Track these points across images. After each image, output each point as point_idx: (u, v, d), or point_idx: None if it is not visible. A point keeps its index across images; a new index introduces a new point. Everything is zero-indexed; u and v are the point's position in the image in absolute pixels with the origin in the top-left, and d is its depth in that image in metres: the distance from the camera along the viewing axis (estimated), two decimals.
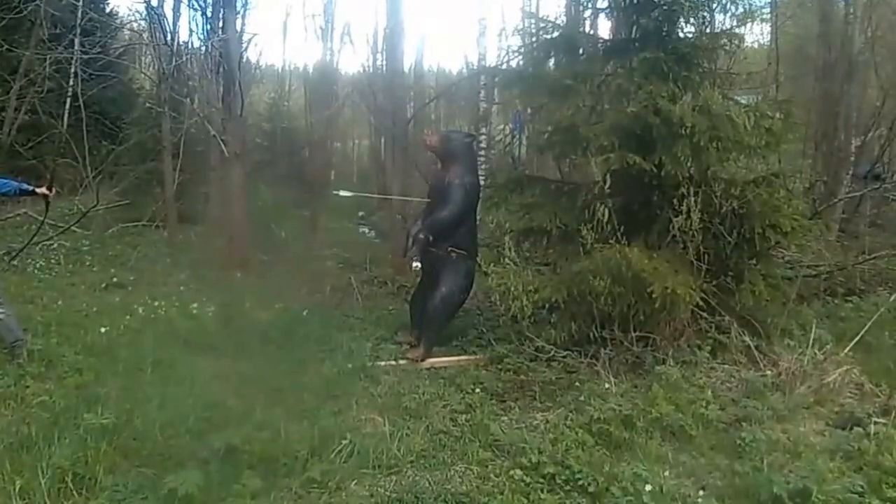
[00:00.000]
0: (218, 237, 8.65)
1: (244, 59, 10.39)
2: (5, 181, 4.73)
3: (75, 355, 4.49)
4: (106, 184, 12.01)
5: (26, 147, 13.05)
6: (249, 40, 13.26)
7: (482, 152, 9.03)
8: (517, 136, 12.66)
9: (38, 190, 4.79)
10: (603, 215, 4.36)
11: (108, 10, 15.92)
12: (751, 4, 9.19)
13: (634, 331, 4.37)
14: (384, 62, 11.48)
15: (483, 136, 9.50)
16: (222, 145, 7.61)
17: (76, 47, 10.87)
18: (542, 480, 3.07)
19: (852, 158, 9.93)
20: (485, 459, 3.33)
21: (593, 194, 4.88)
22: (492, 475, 3.17)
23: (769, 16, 11.29)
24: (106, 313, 5.59)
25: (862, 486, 2.88)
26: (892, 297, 5.33)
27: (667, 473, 3.14)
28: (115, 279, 7.12)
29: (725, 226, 4.48)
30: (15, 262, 7.77)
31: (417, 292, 5.47)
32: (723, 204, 4.41)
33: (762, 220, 4.46)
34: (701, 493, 2.99)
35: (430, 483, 3.11)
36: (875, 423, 3.50)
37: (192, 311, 5.77)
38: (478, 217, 5.58)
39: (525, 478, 3.07)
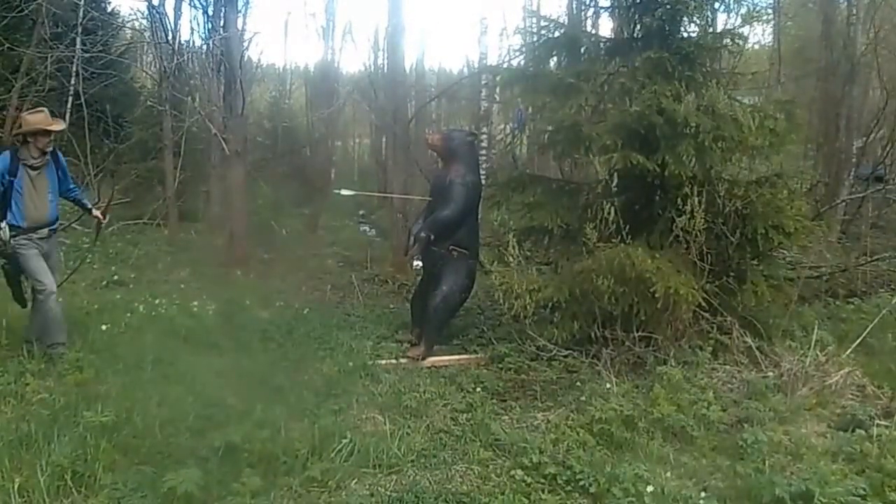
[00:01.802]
0: (219, 235, 8.65)
1: (245, 58, 10.38)
2: (74, 187, 5.00)
3: (76, 353, 4.48)
4: (107, 182, 12.00)
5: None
6: (251, 39, 13.26)
7: (483, 151, 9.01)
8: (518, 135, 12.63)
9: (94, 212, 5.02)
10: (609, 214, 4.34)
11: (109, 8, 15.88)
12: (755, 4, 9.21)
13: (636, 331, 4.35)
14: (385, 61, 11.47)
15: (484, 136, 9.47)
16: (223, 144, 7.60)
17: (78, 46, 10.86)
18: (543, 481, 3.06)
19: (854, 160, 9.91)
20: (485, 459, 3.32)
21: (596, 193, 4.87)
22: (493, 475, 3.16)
23: (771, 17, 11.28)
24: (106, 311, 5.58)
25: (864, 489, 2.86)
26: (894, 300, 5.31)
27: (668, 474, 3.13)
28: (115, 277, 7.12)
29: (728, 226, 4.46)
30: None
31: (418, 291, 5.47)
32: (726, 204, 4.40)
33: (765, 220, 4.44)
34: (703, 494, 2.98)
35: (430, 482, 3.10)
36: (877, 425, 3.48)
37: (193, 310, 5.76)
38: (479, 216, 5.57)
39: (526, 478, 3.06)
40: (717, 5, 5.07)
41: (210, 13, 9.20)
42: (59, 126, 4.70)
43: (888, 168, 10.76)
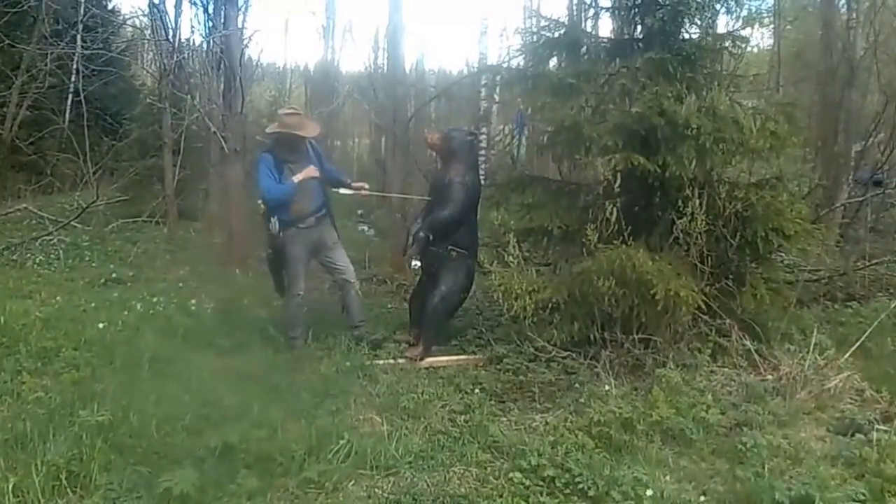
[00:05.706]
0: (218, 233, 8.64)
1: (245, 57, 10.35)
2: (330, 168, 5.40)
3: (73, 351, 4.47)
4: (106, 179, 12.00)
5: (28, 143, 13.05)
6: (251, 37, 13.26)
7: (482, 152, 8.99)
8: (518, 136, 12.64)
9: (353, 184, 5.48)
10: (611, 215, 4.32)
11: (109, 6, 15.90)
12: (757, 7, 9.20)
13: (635, 333, 4.34)
14: (385, 61, 11.46)
15: (483, 136, 9.46)
16: (222, 142, 7.58)
17: (78, 43, 10.86)
18: (541, 483, 3.04)
19: (852, 164, 9.90)
20: (483, 461, 3.30)
21: (596, 194, 4.85)
22: (491, 477, 3.14)
23: (772, 20, 11.29)
24: (104, 309, 5.57)
25: (864, 494, 2.85)
26: (893, 304, 5.30)
27: (667, 478, 3.12)
28: (113, 275, 7.10)
29: (728, 228, 4.45)
30: (14, 258, 7.76)
31: (417, 291, 5.44)
32: (726, 206, 4.38)
33: (765, 223, 4.43)
34: (702, 498, 2.97)
35: (428, 484, 3.08)
36: (877, 429, 3.46)
37: (191, 308, 5.74)
38: (478, 216, 5.56)
39: (524, 480, 3.04)
40: (717, 7, 5.05)
41: (210, 11, 9.16)
42: (311, 132, 5.04)
43: (887, 172, 10.75)
